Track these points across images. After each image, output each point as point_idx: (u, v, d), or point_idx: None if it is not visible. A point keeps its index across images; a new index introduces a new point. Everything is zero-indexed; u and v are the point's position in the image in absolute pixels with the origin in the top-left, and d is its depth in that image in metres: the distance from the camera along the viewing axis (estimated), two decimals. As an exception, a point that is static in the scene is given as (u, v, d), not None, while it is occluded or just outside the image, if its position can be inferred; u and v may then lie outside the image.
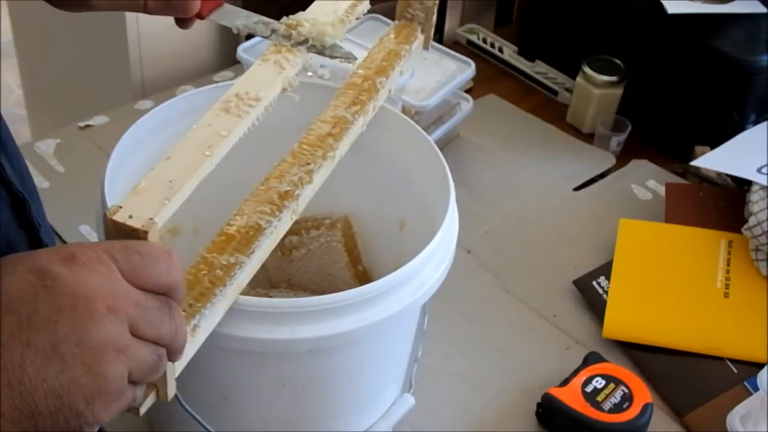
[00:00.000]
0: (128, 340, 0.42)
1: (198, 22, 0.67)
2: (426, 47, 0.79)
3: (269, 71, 0.63)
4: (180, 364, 0.51)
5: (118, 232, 0.46)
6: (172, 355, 0.46)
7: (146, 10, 0.64)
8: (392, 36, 0.76)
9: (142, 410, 0.49)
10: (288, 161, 0.63)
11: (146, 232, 0.46)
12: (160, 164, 0.52)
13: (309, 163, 0.63)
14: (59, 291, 0.41)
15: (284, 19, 0.66)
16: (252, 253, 0.57)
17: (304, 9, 0.68)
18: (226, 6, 0.67)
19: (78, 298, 0.41)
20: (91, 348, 0.40)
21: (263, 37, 0.66)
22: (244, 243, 0.57)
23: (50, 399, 0.40)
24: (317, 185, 0.64)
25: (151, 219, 0.47)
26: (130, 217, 0.46)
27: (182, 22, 0.66)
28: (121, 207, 0.47)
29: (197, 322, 0.53)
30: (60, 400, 0.40)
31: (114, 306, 0.41)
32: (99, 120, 1.16)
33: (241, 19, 0.67)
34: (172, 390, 0.50)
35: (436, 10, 0.76)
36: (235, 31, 0.67)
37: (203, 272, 0.55)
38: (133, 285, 0.43)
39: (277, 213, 0.59)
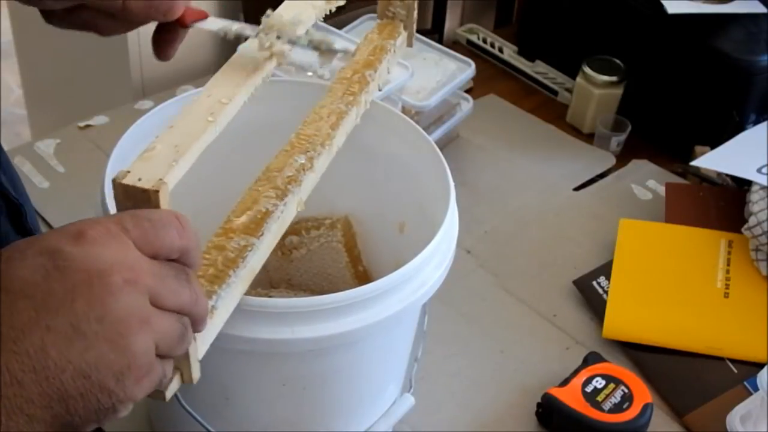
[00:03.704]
0: (150, 310, 0.41)
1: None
2: (410, 44, 0.79)
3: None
4: (203, 347, 0.50)
5: (127, 196, 0.45)
6: (196, 324, 0.45)
7: (124, 11, 0.59)
8: (376, 34, 0.76)
9: (168, 394, 0.47)
10: (287, 150, 0.63)
11: (157, 192, 0.45)
12: (165, 133, 0.51)
13: (309, 151, 0.63)
14: (72, 269, 0.39)
15: (270, 16, 0.63)
16: (262, 235, 0.56)
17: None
18: (211, 19, 0.65)
19: (93, 274, 0.40)
20: (113, 322, 0.39)
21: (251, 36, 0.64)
22: (252, 227, 0.56)
23: (78, 380, 0.39)
24: (318, 174, 0.63)
25: (161, 180, 0.45)
26: (140, 179, 0.45)
27: (163, 39, 0.63)
28: (129, 172, 0.46)
29: (215, 304, 0.51)
30: (89, 380, 0.39)
31: (131, 278, 0.40)
32: (99, 120, 1.16)
33: (225, 24, 0.64)
34: (196, 373, 0.49)
35: (416, 6, 0.76)
36: (221, 34, 0.64)
37: (215, 256, 0.54)
38: (146, 253, 0.42)
39: (282, 197, 0.59)
